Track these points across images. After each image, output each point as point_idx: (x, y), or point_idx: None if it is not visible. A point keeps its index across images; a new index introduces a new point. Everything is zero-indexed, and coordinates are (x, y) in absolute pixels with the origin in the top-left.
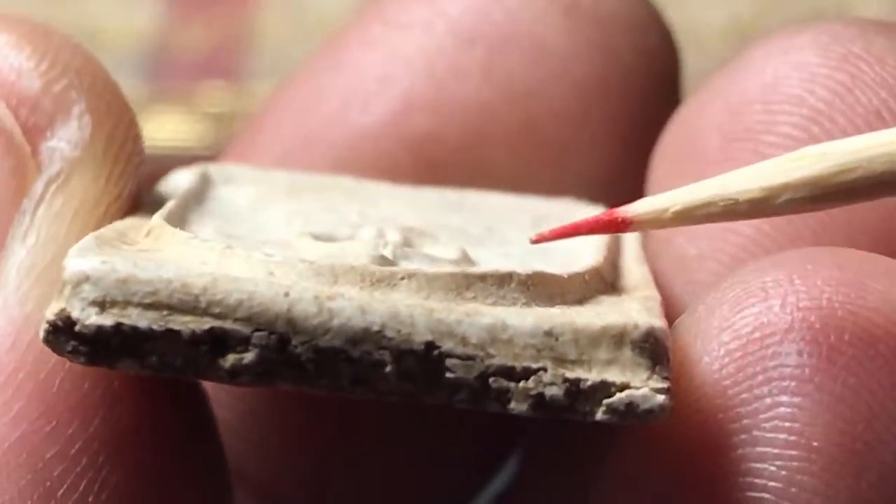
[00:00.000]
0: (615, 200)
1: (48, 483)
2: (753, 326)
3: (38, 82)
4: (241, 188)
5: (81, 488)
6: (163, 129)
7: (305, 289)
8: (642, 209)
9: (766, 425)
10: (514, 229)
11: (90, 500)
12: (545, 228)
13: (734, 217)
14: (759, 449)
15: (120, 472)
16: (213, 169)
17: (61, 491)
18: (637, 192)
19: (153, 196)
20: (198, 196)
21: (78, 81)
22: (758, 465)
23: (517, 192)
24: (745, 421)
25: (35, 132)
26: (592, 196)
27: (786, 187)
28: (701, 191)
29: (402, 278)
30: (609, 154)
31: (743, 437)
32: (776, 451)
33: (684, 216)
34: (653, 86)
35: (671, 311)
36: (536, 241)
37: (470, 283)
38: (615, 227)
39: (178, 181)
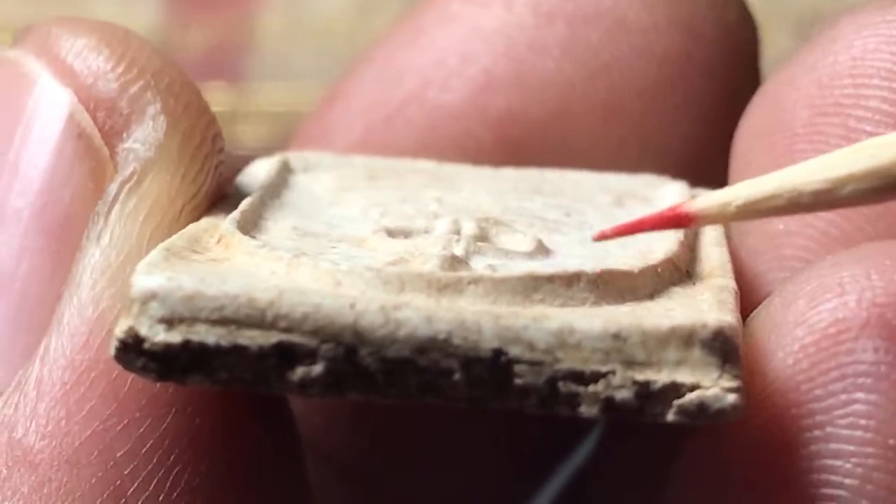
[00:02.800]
0: (698, 175)
1: (118, 481)
2: (829, 322)
3: (114, 85)
4: (320, 176)
5: (152, 487)
6: None
7: (371, 299)
8: (705, 204)
9: (842, 422)
10: (595, 210)
11: (160, 498)
12: (627, 207)
13: (799, 210)
14: (833, 445)
15: (191, 470)
16: (293, 157)
17: (131, 489)
18: (721, 166)
19: (235, 188)
20: (276, 189)
21: (154, 83)
22: (833, 462)
23: (599, 168)
24: (819, 417)
25: (112, 134)
26: (675, 171)
27: (850, 178)
28: (764, 184)
29: (469, 283)
30: (691, 129)
31: (817, 433)
32: (852, 447)
33: (748, 210)
34: (733, 61)
35: (755, 290)
36: (598, 239)
37: (538, 285)
38: (678, 222)
39: (259, 171)
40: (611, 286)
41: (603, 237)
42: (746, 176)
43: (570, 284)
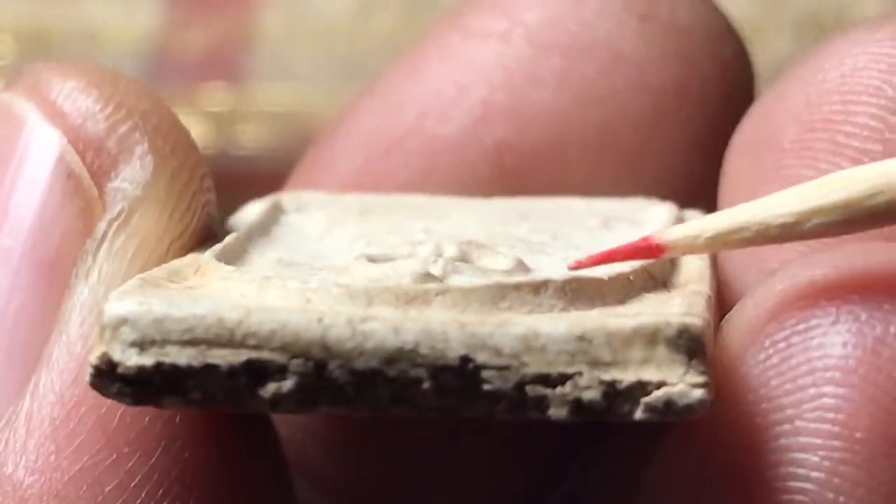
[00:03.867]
0: (692, 205)
1: None
2: (798, 318)
3: (103, 125)
4: (312, 214)
5: None
6: None
7: (339, 313)
8: (676, 235)
9: (810, 415)
10: (582, 232)
11: None
12: (614, 230)
13: (767, 241)
14: (801, 439)
15: (180, 503)
16: (286, 198)
17: None
18: (714, 197)
19: (225, 229)
20: (265, 226)
21: (142, 123)
22: (801, 455)
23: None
24: (788, 411)
25: (101, 174)
26: (670, 201)
27: (816, 211)
28: (733, 216)
29: (437, 294)
30: (686, 160)
31: (786, 427)
32: (819, 441)
33: (718, 241)
34: (728, 93)
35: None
36: (574, 268)
37: (505, 293)
38: (650, 252)
39: (250, 213)
40: (580, 293)
41: (579, 266)
42: (736, 190)
43: (537, 292)
